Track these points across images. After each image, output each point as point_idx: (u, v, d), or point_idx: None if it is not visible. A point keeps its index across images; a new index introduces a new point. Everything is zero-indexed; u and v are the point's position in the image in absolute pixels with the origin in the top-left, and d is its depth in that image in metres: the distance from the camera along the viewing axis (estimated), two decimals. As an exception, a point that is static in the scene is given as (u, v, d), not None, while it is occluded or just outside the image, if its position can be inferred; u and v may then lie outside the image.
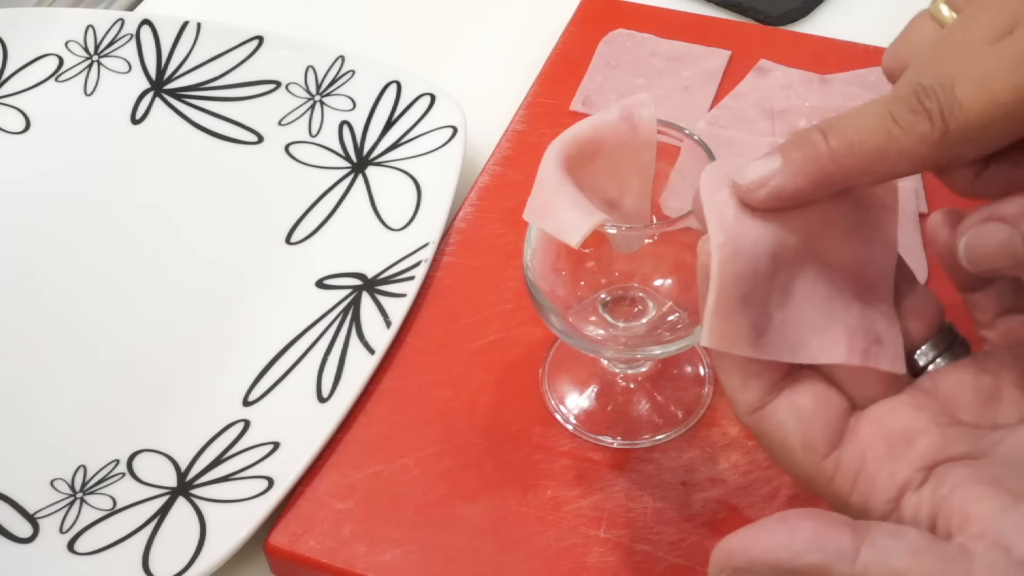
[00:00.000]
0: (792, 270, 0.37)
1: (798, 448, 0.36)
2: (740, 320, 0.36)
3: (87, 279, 0.59)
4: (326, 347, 0.54)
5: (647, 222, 0.46)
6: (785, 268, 0.37)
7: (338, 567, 0.46)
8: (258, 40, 0.67)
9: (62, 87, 0.68)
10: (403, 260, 0.56)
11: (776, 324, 0.37)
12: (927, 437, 0.35)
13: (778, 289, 0.37)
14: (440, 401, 0.51)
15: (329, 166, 0.63)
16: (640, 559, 0.45)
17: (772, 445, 0.37)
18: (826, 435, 0.36)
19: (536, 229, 0.45)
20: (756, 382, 0.37)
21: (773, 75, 0.64)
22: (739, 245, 0.36)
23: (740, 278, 0.36)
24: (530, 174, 0.43)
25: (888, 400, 0.37)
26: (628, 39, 0.67)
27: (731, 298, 0.36)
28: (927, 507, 0.34)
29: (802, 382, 0.37)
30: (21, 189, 0.64)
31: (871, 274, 0.38)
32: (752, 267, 0.36)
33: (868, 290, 0.38)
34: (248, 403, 0.53)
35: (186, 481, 0.50)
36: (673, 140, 0.44)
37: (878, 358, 0.37)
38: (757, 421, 0.37)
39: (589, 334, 0.46)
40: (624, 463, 0.48)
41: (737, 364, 0.37)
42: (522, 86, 0.66)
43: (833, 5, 0.71)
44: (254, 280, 0.58)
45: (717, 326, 0.36)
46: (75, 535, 0.48)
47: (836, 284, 0.37)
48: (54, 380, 0.55)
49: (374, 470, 0.49)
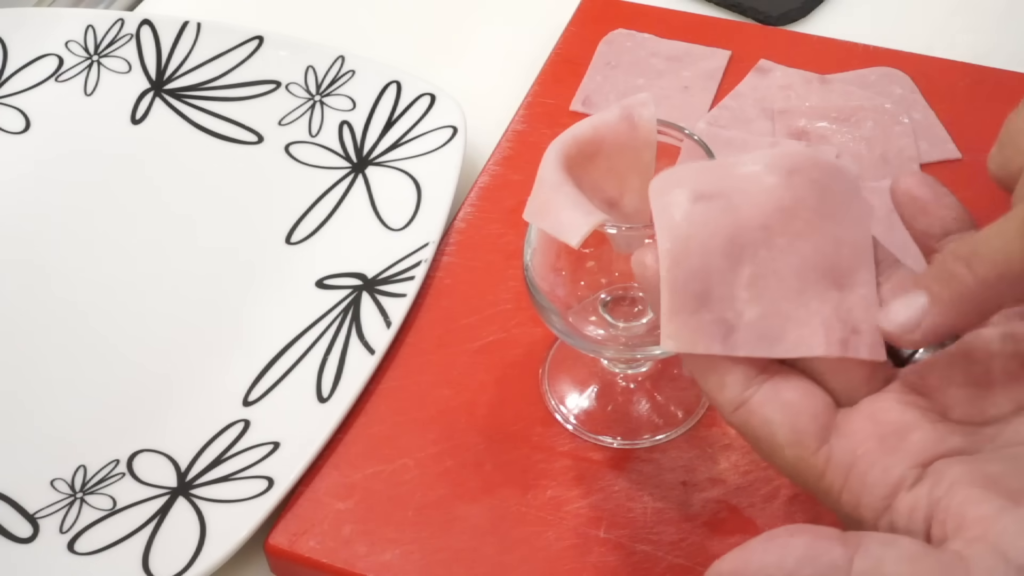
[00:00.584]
0: (757, 265, 0.36)
1: (785, 443, 0.36)
2: (701, 319, 0.36)
3: (87, 279, 0.59)
4: (326, 347, 0.54)
5: (647, 222, 0.46)
6: (749, 261, 0.36)
7: (338, 567, 0.46)
8: (258, 40, 0.67)
9: (62, 87, 0.68)
10: (403, 260, 0.56)
11: (748, 319, 0.36)
12: (919, 432, 0.35)
13: (745, 285, 0.36)
14: (440, 401, 0.51)
15: (329, 166, 0.63)
16: (640, 559, 0.45)
17: (759, 442, 0.36)
18: (813, 428, 0.36)
19: (536, 229, 0.45)
20: (731, 378, 0.36)
21: (773, 75, 0.64)
22: (688, 244, 0.36)
23: (692, 276, 0.36)
24: (530, 174, 0.43)
25: (877, 395, 0.36)
26: (628, 39, 0.67)
27: (685, 298, 0.36)
28: (923, 507, 0.34)
29: (783, 376, 0.36)
30: (21, 189, 0.64)
31: (846, 257, 0.37)
32: (704, 264, 0.36)
33: (844, 275, 0.37)
34: (248, 403, 0.53)
35: (186, 481, 0.50)
36: (673, 140, 0.44)
37: (858, 347, 0.36)
38: (742, 418, 0.36)
39: (589, 334, 0.46)
40: (624, 463, 0.48)
41: (708, 364, 0.36)
42: (522, 86, 0.66)
43: (833, 5, 0.71)
44: (254, 280, 0.58)
45: (675, 328, 0.36)
46: (75, 535, 0.48)
47: (809, 272, 0.37)
48: (54, 381, 0.55)
49: (374, 470, 0.49)
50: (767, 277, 0.37)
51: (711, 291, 0.36)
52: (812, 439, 0.35)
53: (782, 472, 0.37)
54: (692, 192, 0.37)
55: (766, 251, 0.37)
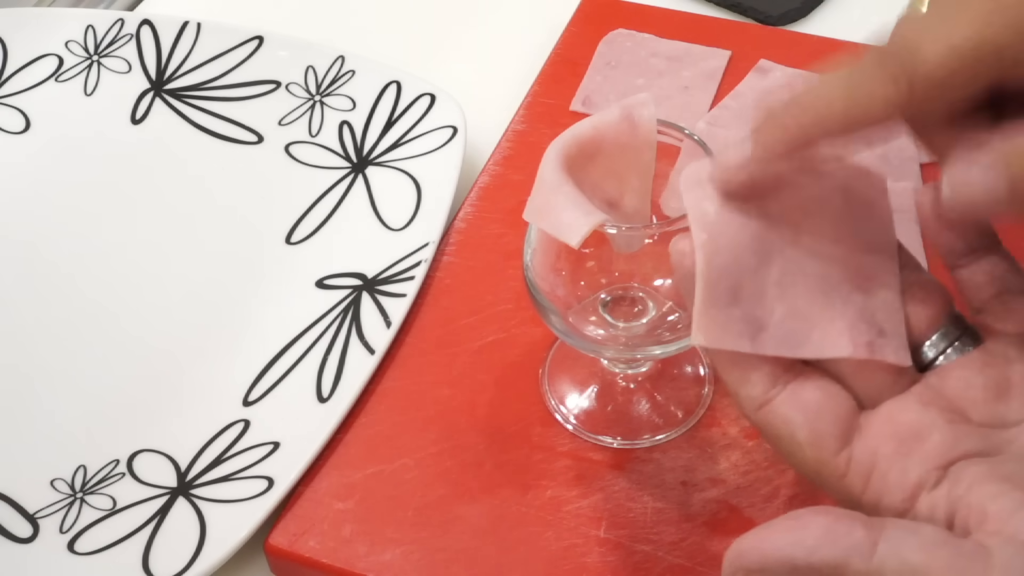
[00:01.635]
0: (785, 263, 0.37)
1: (806, 444, 0.35)
2: (732, 315, 0.36)
3: (86, 279, 0.59)
4: (326, 347, 0.54)
5: (647, 222, 0.46)
6: (776, 261, 0.36)
7: (338, 567, 0.46)
8: (258, 40, 0.67)
9: (62, 87, 0.68)
10: (403, 260, 0.56)
11: (777, 319, 0.36)
12: (938, 434, 0.35)
13: (774, 283, 0.36)
14: (440, 401, 0.51)
15: (329, 166, 0.63)
16: (640, 559, 0.45)
17: (780, 442, 0.36)
18: (835, 431, 0.35)
19: (536, 229, 0.45)
20: (757, 376, 0.36)
21: (773, 75, 0.64)
22: (720, 241, 0.36)
23: (725, 272, 0.36)
24: (530, 174, 0.43)
25: (897, 398, 0.36)
26: (628, 39, 0.67)
27: (719, 293, 0.36)
28: (943, 506, 0.34)
29: (807, 376, 0.36)
30: (21, 189, 0.64)
31: (871, 261, 0.37)
32: (735, 260, 0.36)
33: (869, 278, 0.37)
34: (248, 403, 0.53)
35: (186, 481, 0.50)
36: (673, 140, 0.44)
37: (883, 350, 0.36)
38: (763, 417, 0.36)
39: (589, 334, 0.46)
40: (624, 463, 0.48)
41: (735, 360, 0.36)
42: (522, 86, 0.66)
43: (833, 5, 0.71)
44: (254, 280, 0.58)
45: (707, 323, 0.36)
46: (75, 535, 0.48)
47: (834, 275, 0.37)
48: (54, 381, 0.55)
49: (374, 470, 0.49)
50: (794, 276, 0.37)
51: (742, 288, 0.36)
52: (834, 440, 0.35)
53: (803, 474, 0.37)
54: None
55: (793, 250, 0.37)
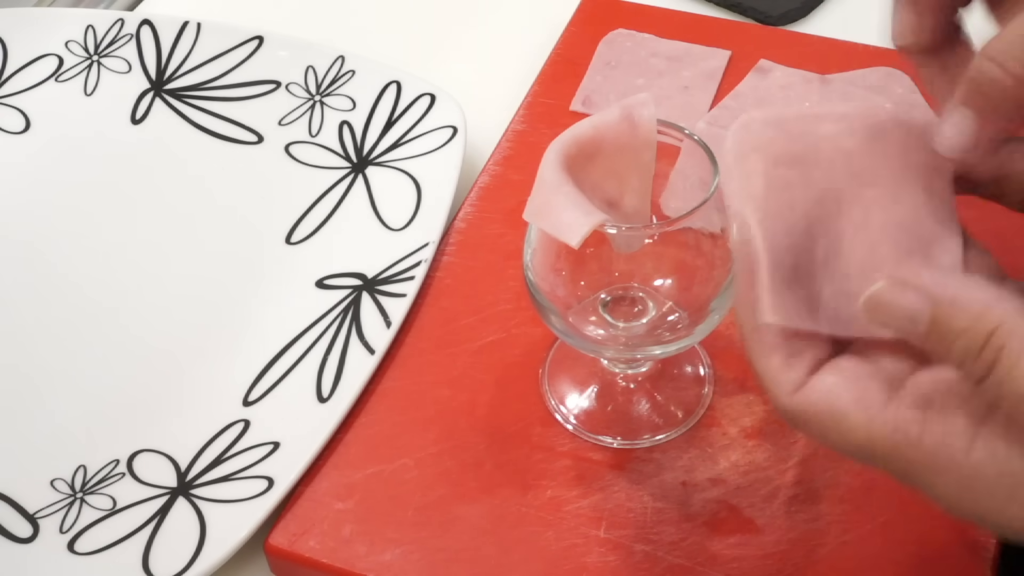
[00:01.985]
0: (833, 239, 0.36)
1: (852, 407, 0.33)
2: (796, 293, 0.35)
3: (86, 279, 0.59)
4: (326, 347, 0.54)
5: (647, 222, 0.46)
6: (825, 237, 0.36)
7: (338, 567, 0.46)
8: (258, 40, 0.67)
9: (62, 87, 0.68)
10: (403, 260, 0.56)
11: (826, 298, 0.35)
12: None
13: (822, 261, 0.36)
14: (440, 401, 0.51)
15: (329, 166, 0.63)
16: (640, 559, 0.45)
17: (820, 416, 0.34)
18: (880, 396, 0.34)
19: (536, 229, 0.45)
20: (799, 360, 0.35)
21: (773, 75, 0.64)
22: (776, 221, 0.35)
23: (786, 249, 0.35)
24: (530, 174, 0.43)
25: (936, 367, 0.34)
26: (628, 39, 0.67)
27: (783, 271, 0.35)
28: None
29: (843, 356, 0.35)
30: (21, 189, 0.64)
31: (927, 229, 0.36)
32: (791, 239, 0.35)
33: (925, 247, 0.36)
34: (248, 403, 0.53)
35: (186, 481, 0.50)
36: (673, 140, 0.44)
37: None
38: (800, 399, 0.35)
39: (589, 334, 0.46)
40: (624, 463, 0.48)
41: (778, 344, 0.35)
42: (522, 86, 0.66)
43: (833, 5, 0.71)
44: (254, 280, 0.58)
45: (776, 300, 0.35)
46: (75, 535, 0.48)
47: (885, 248, 0.36)
48: (54, 381, 0.55)
49: (374, 470, 0.49)
50: (841, 253, 0.36)
51: (799, 264, 0.35)
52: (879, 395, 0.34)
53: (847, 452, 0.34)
54: (771, 158, 0.36)
55: (842, 224, 0.36)
